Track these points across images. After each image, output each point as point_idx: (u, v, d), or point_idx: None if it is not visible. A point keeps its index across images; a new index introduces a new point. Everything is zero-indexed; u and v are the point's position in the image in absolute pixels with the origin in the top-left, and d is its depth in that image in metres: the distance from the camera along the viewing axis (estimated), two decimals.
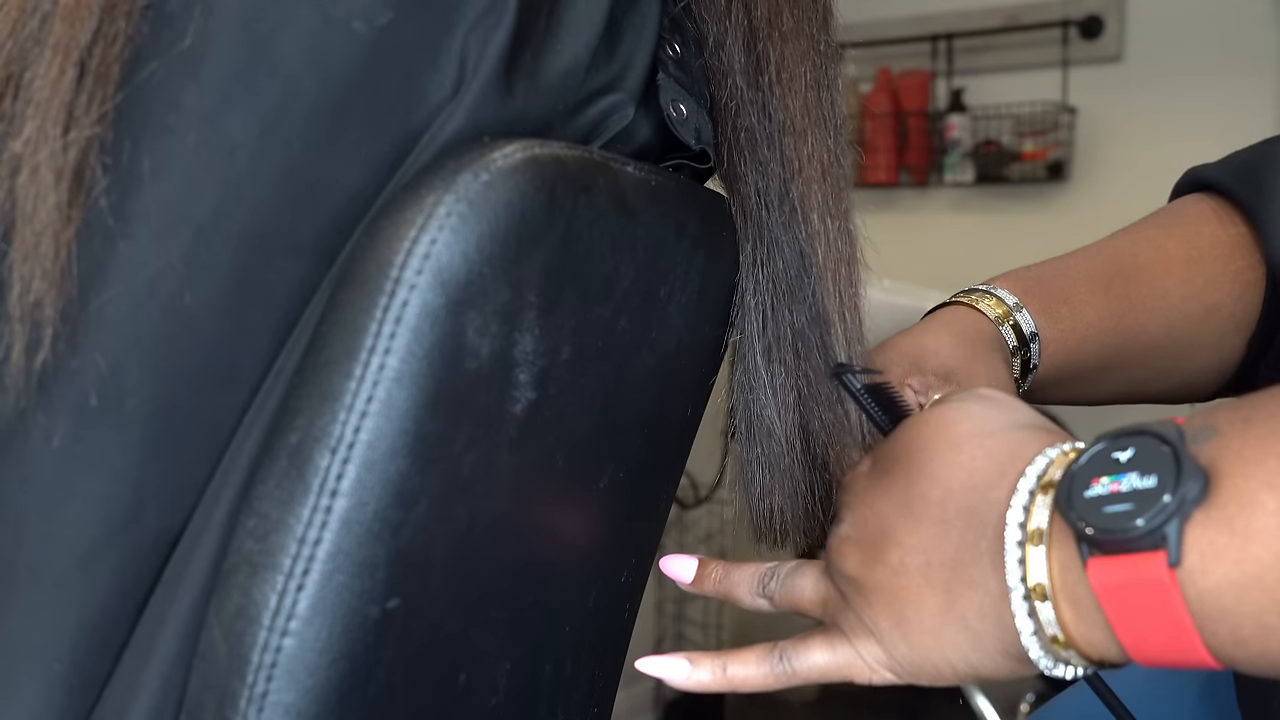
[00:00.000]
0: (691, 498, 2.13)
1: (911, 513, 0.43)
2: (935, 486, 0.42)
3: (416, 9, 0.38)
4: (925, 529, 0.42)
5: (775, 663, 0.47)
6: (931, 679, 0.43)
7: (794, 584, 0.49)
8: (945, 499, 0.42)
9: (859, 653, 0.45)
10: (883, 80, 2.54)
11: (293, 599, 0.36)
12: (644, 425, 0.51)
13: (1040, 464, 0.39)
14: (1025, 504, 0.39)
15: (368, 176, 0.38)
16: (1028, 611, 0.38)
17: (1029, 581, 0.38)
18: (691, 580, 0.52)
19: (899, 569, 0.43)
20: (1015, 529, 0.39)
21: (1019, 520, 0.39)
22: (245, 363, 0.39)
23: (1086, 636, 0.37)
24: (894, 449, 0.45)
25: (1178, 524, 0.34)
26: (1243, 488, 0.34)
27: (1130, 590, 0.35)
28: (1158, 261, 0.67)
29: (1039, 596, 0.38)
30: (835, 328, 0.50)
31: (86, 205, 0.35)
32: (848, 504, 0.47)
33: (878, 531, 0.44)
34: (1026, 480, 0.39)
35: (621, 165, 0.44)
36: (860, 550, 0.44)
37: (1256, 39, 2.17)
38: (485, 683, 0.44)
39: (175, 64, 0.36)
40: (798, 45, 0.48)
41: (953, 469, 0.42)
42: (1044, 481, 0.39)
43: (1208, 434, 0.35)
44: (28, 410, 0.36)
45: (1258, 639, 0.34)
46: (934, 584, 0.41)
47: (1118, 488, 0.36)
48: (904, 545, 0.43)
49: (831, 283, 0.50)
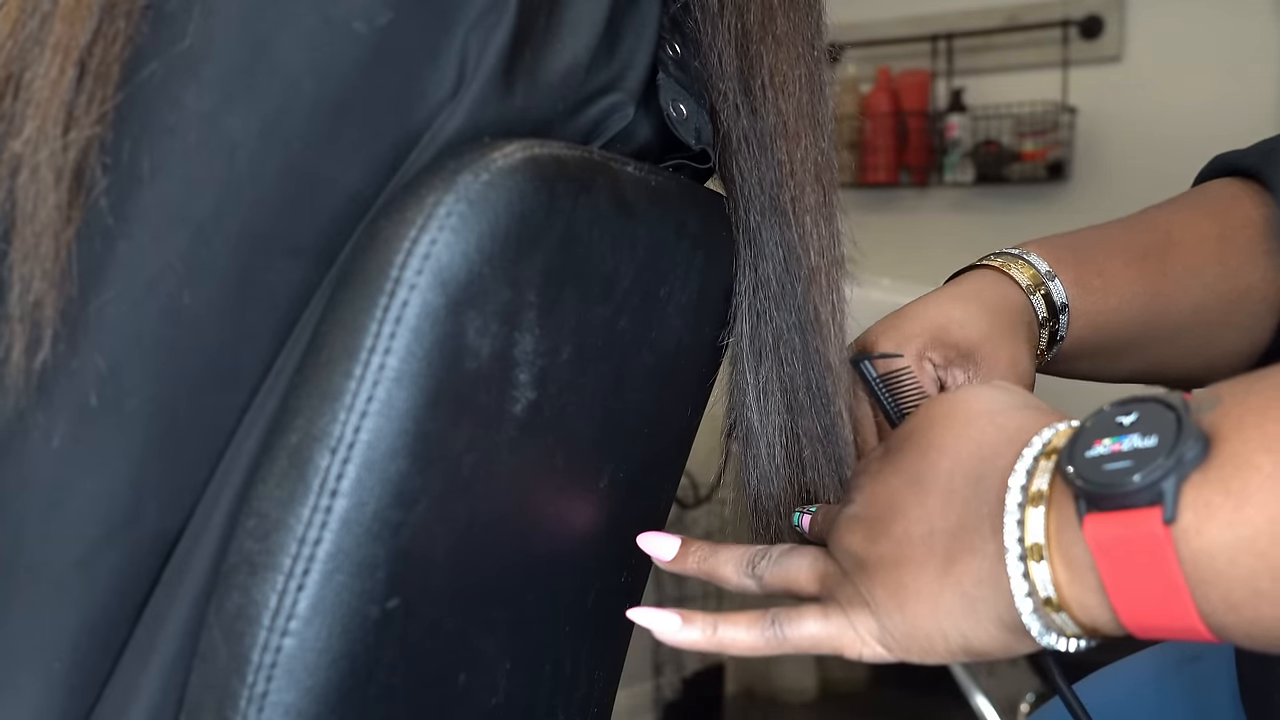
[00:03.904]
0: (691, 498, 2.13)
1: (920, 485, 0.43)
2: (944, 458, 0.42)
3: (416, 9, 0.38)
4: (932, 499, 0.42)
5: (767, 627, 0.46)
6: (923, 652, 0.43)
7: (789, 563, 0.48)
8: (953, 469, 0.42)
9: (852, 623, 0.44)
10: (883, 80, 2.54)
11: (293, 599, 0.36)
12: (644, 425, 0.51)
13: (1047, 434, 0.40)
14: (1029, 469, 0.39)
15: (368, 176, 0.38)
16: (1023, 573, 0.38)
17: (1026, 542, 0.38)
18: (672, 558, 0.50)
19: (903, 539, 0.42)
20: (1017, 491, 0.39)
21: (1021, 484, 0.39)
22: (245, 363, 0.39)
23: (1080, 599, 0.37)
24: (906, 429, 0.45)
25: (1174, 481, 0.34)
26: (1239, 450, 0.34)
27: (1124, 546, 0.35)
28: (1191, 239, 0.67)
29: (1035, 556, 0.38)
30: (824, 330, 0.50)
31: (86, 205, 0.35)
32: (859, 485, 0.46)
33: (885, 507, 0.44)
34: (1031, 448, 0.39)
35: (621, 165, 0.44)
36: (866, 526, 0.44)
37: (1257, 39, 2.17)
38: (485, 683, 0.44)
39: (175, 64, 0.36)
40: (791, 49, 0.48)
41: (962, 441, 0.42)
42: (1049, 448, 0.39)
43: (1211, 403, 0.36)
44: (27, 410, 0.36)
45: (1249, 604, 0.34)
46: (934, 551, 0.41)
47: (1119, 448, 0.36)
48: (909, 517, 0.43)
49: (823, 286, 0.50)
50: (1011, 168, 2.39)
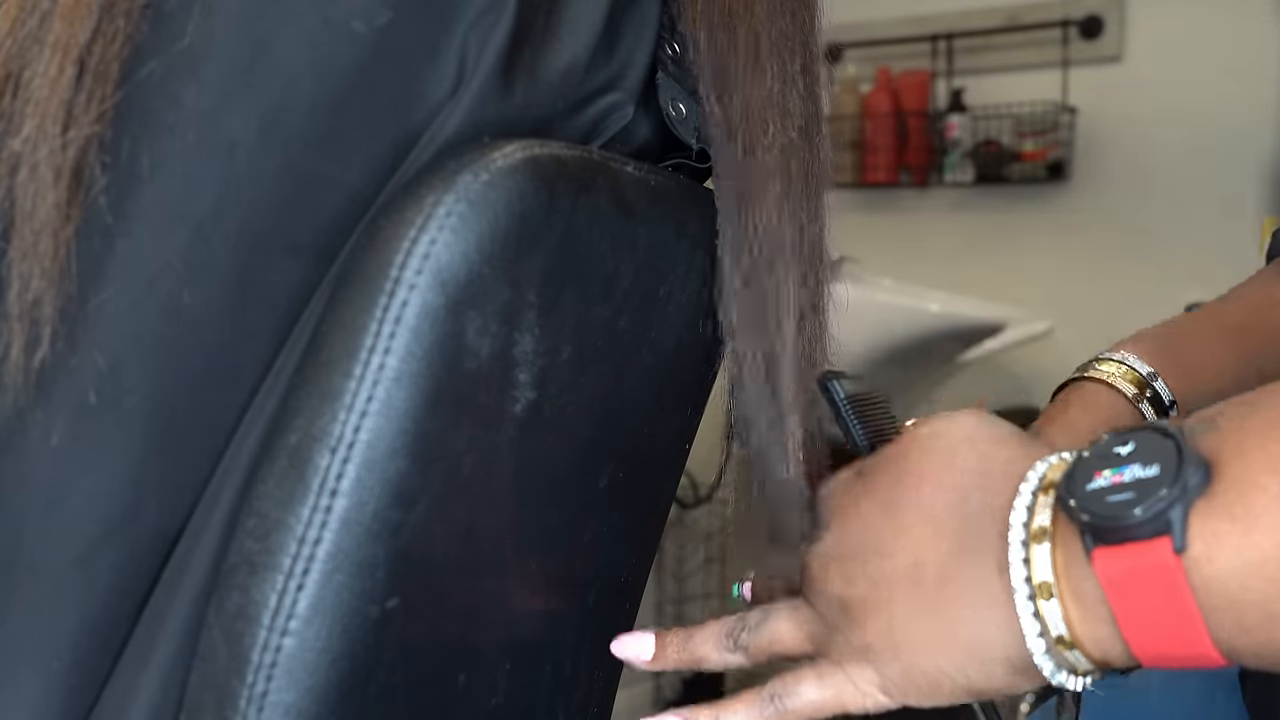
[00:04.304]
0: (691, 498, 2.13)
1: (897, 515, 0.42)
2: (924, 483, 0.41)
3: (415, 8, 0.38)
4: (914, 530, 0.41)
5: (766, 705, 0.44)
6: (928, 696, 0.41)
7: (770, 628, 0.46)
8: (934, 496, 0.41)
9: (850, 678, 0.43)
10: (883, 80, 2.54)
11: (293, 599, 0.36)
12: (644, 425, 0.51)
13: (1041, 467, 0.39)
14: (1028, 504, 0.38)
15: (367, 176, 0.38)
16: (1033, 612, 0.37)
17: (1034, 581, 0.37)
18: (651, 658, 0.48)
19: (886, 575, 0.41)
20: (1019, 529, 0.38)
21: (1023, 520, 0.38)
22: (245, 362, 0.39)
23: (1092, 634, 0.37)
24: (880, 458, 0.44)
25: (1181, 510, 0.34)
26: (1242, 475, 0.34)
27: (1135, 578, 0.35)
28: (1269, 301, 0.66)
29: (1044, 595, 0.37)
30: (771, 325, 0.47)
31: (85, 204, 0.35)
32: (825, 521, 0.44)
33: (859, 543, 0.42)
34: (1028, 483, 0.39)
35: (621, 165, 0.44)
36: (842, 566, 0.43)
37: (1257, 39, 2.17)
38: (485, 683, 0.44)
39: (175, 62, 0.36)
40: (766, 35, 0.46)
41: (944, 469, 0.41)
42: (1045, 483, 0.38)
43: (1207, 428, 0.36)
44: (27, 408, 0.36)
45: (1263, 627, 0.34)
46: (923, 586, 0.40)
47: (1120, 479, 0.36)
48: (890, 549, 0.41)
49: (783, 281, 0.47)
50: (1011, 168, 2.39)
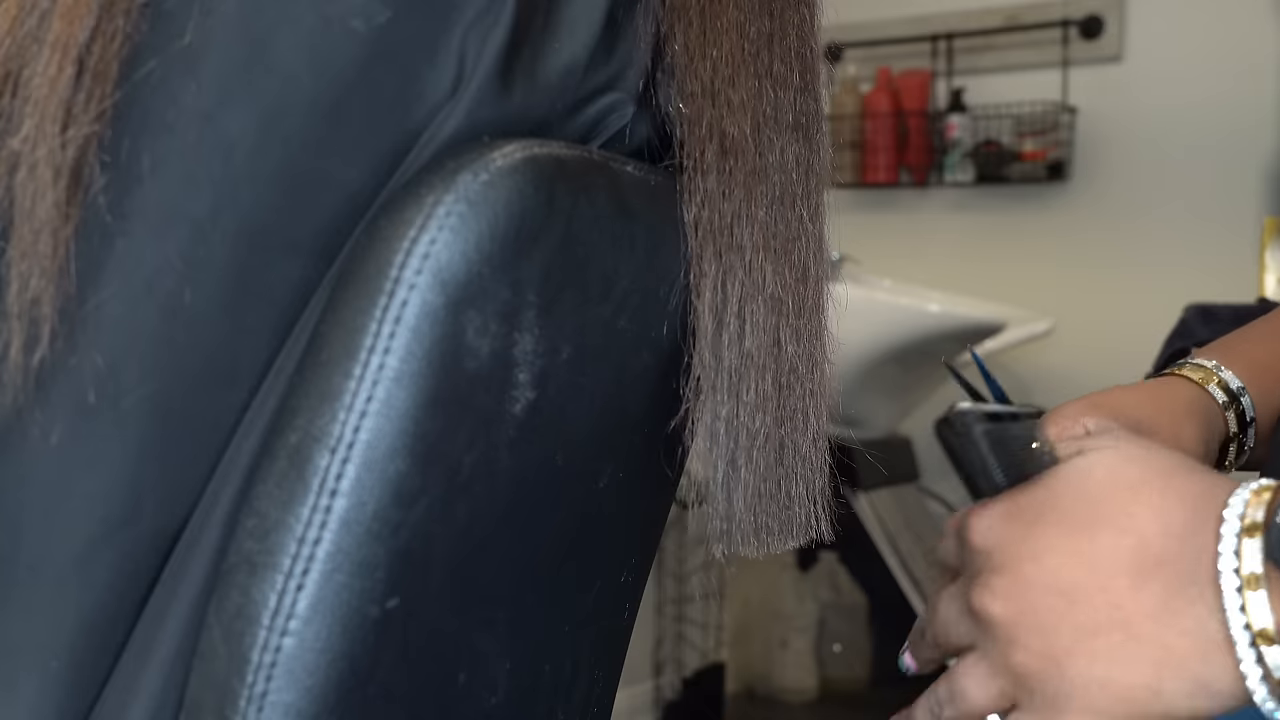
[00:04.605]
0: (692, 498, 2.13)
1: (1101, 568, 0.41)
2: (1126, 536, 0.41)
3: (415, 8, 0.38)
4: (1121, 582, 0.40)
5: None
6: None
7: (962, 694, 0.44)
8: (1141, 549, 0.40)
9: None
10: (883, 80, 2.54)
11: (292, 599, 0.36)
12: (644, 425, 0.51)
13: (1237, 505, 0.39)
14: (1235, 549, 0.38)
15: (366, 175, 0.38)
16: (1256, 658, 0.38)
17: (1253, 628, 0.38)
18: None
19: (1087, 629, 0.41)
20: (1231, 575, 0.38)
21: (1233, 567, 0.38)
22: (244, 362, 0.39)
23: None
24: (1045, 499, 0.43)
25: None
26: None
27: None
28: None
29: (1265, 641, 0.38)
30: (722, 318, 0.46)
31: (85, 203, 0.35)
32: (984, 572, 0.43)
33: (1055, 596, 0.41)
34: (1229, 525, 0.39)
35: (621, 165, 0.44)
36: (1034, 626, 0.42)
37: (1257, 39, 2.17)
38: (485, 683, 0.44)
39: (174, 62, 0.36)
40: (741, 33, 0.45)
41: (1143, 518, 0.41)
42: (1246, 524, 0.39)
43: None
44: (26, 408, 0.36)
45: None
46: (1140, 637, 0.40)
47: None
48: (1094, 603, 0.41)
49: (746, 277, 0.46)
50: (1011, 168, 2.39)
